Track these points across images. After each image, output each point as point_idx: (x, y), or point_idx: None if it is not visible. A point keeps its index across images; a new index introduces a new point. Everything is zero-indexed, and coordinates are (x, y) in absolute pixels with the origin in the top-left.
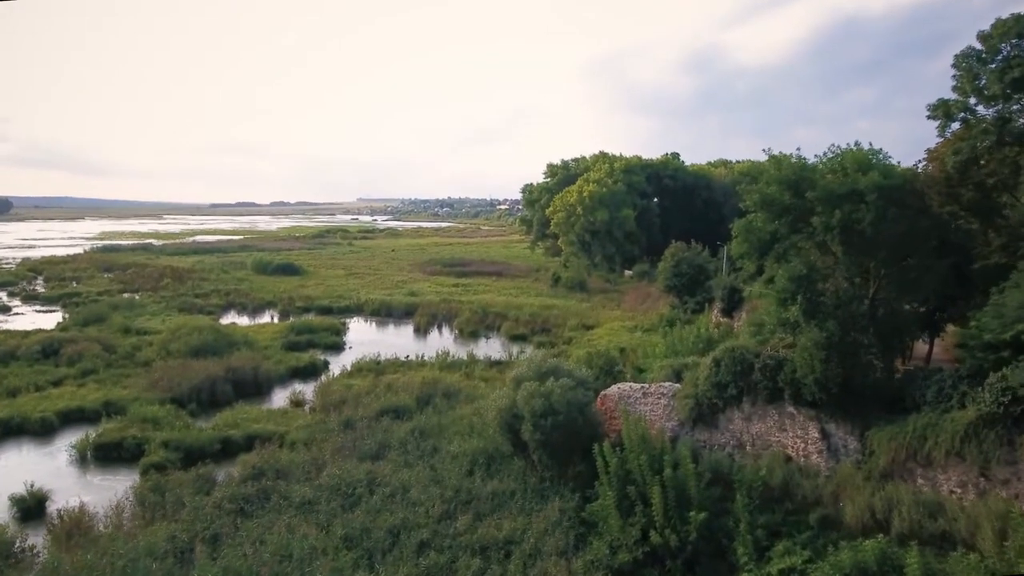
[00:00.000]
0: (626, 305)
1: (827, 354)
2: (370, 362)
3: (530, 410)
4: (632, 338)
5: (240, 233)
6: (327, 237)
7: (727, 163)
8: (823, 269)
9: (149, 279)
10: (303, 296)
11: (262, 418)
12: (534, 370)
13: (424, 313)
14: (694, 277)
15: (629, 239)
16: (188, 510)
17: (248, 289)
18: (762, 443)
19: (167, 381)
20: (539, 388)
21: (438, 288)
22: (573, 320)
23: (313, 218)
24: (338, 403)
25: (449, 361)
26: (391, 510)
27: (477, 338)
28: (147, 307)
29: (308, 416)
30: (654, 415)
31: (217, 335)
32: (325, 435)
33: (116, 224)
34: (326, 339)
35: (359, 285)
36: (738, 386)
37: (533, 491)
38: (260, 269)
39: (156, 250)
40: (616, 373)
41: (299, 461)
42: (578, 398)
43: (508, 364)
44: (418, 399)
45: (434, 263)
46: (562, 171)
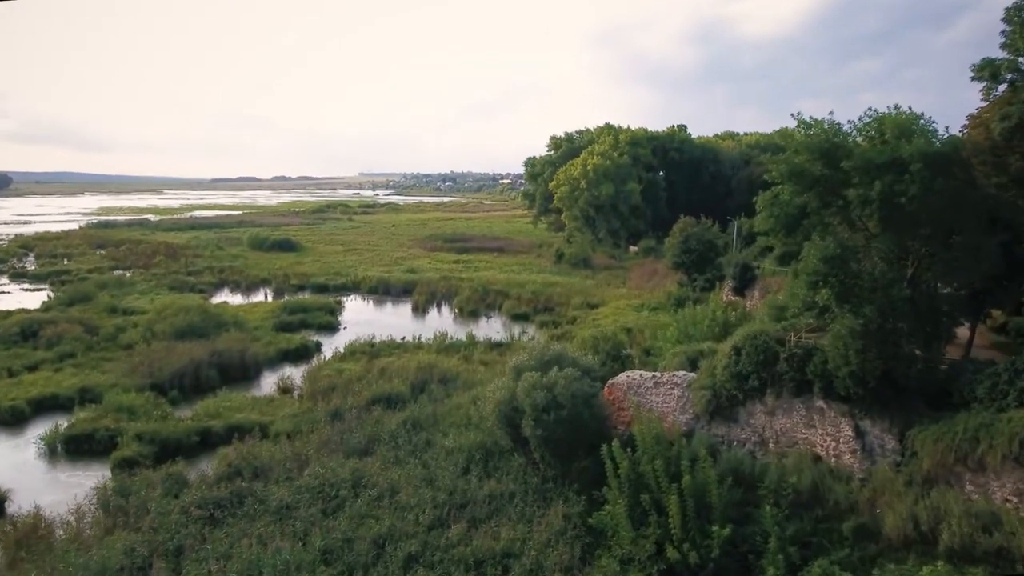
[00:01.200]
0: (632, 282)
1: (864, 343)
2: (364, 344)
3: (531, 403)
4: (639, 318)
5: (239, 208)
6: (327, 212)
7: (735, 135)
8: (856, 248)
9: (142, 256)
10: (299, 273)
11: (246, 406)
12: (536, 358)
13: (423, 291)
14: (703, 254)
15: (634, 214)
16: (152, 517)
17: (242, 266)
18: (787, 440)
19: (148, 366)
20: (541, 379)
21: (438, 265)
22: (577, 298)
23: (314, 193)
24: (327, 390)
25: (447, 343)
26: (377, 516)
27: (477, 317)
28: (137, 285)
29: (296, 404)
30: (666, 407)
31: (205, 316)
32: (312, 426)
33: (115, 199)
34: (320, 319)
35: (357, 262)
36: (761, 377)
37: (534, 492)
38: (256, 245)
39: (152, 226)
40: (624, 358)
41: (280, 457)
42: (584, 390)
43: (509, 346)
44: (412, 386)
45: (435, 239)
46: (566, 144)
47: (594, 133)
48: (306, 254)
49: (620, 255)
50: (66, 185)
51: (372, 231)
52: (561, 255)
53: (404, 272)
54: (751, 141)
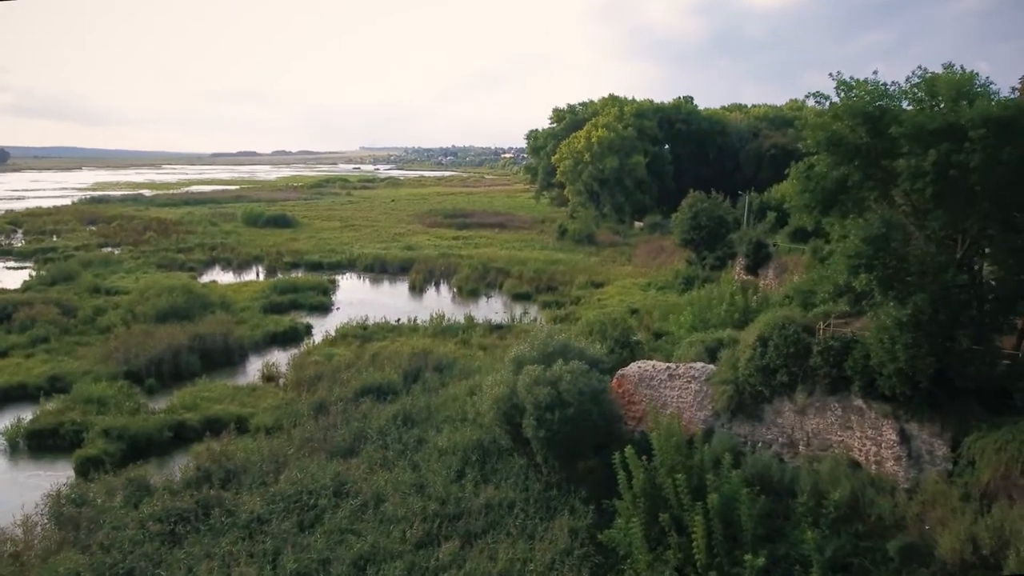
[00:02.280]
0: (637, 260)
1: (914, 337)
2: (356, 327)
3: (533, 401)
4: (646, 297)
5: (238, 183)
6: (326, 187)
7: (743, 107)
8: (903, 227)
9: (132, 232)
10: (293, 251)
11: (226, 397)
12: (538, 349)
13: (420, 269)
14: (714, 230)
15: (640, 188)
16: (105, 532)
17: (235, 243)
18: (820, 443)
19: (124, 351)
20: (544, 373)
21: (437, 241)
22: (581, 277)
23: (315, 167)
24: (313, 379)
25: (444, 325)
26: (359, 531)
27: (477, 297)
28: (124, 263)
29: (280, 394)
30: (682, 402)
31: (189, 296)
32: (294, 420)
33: (113, 174)
34: (311, 299)
35: (354, 238)
36: (791, 372)
37: (536, 500)
38: (250, 221)
39: (146, 201)
40: (633, 345)
41: (256, 459)
42: (592, 385)
43: (510, 328)
44: (405, 374)
45: (434, 214)
46: (569, 116)
47: (598, 105)
48: (302, 230)
49: (625, 231)
50: (64, 160)
51: (371, 206)
52: (564, 231)
53: (402, 249)
54: (759, 113)
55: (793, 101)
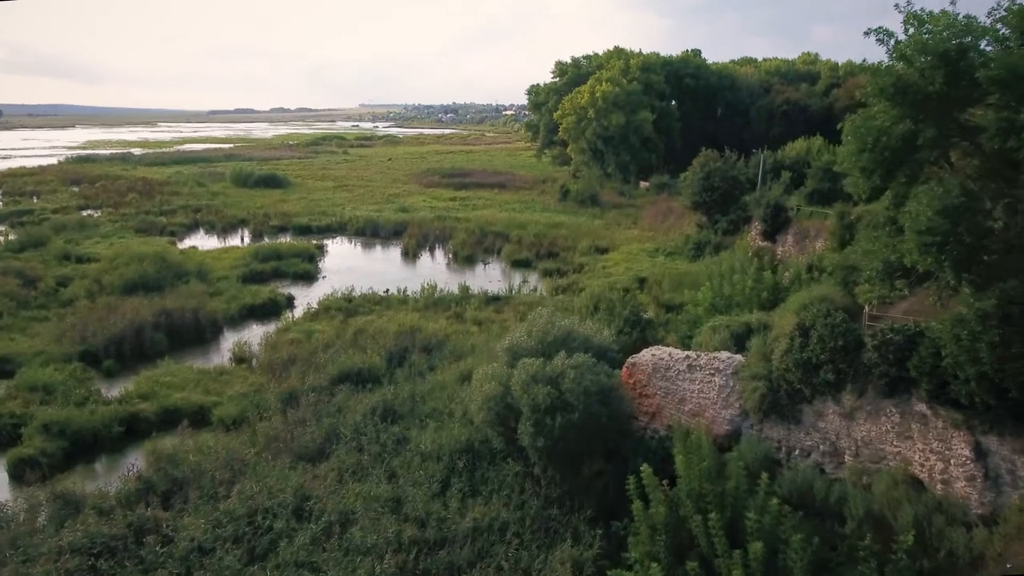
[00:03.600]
0: (644, 223)
1: (1002, 334)
2: (341, 299)
3: (530, 403)
4: (653, 264)
5: (232, 141)
6: (322, 145)
7: (753, 61)
8: (984, 197)
9: (114, 194)
10: (281, 213)
11: (189, 382)
12: (536, 338)
13: (414, 234)
14: (727, 192)
15: (646, 146)
16: (12, 568)
17: (221, 205)
18: (871, 454)
19: (82, 329)
20: (543, 369)
21: (433, 203)
22: (584, 242)
23: (313, 125)
24: (286, 363)
25: (436, 297)
26: (318, 565)
27: (473, 264)
28: (101, 227)
29: (250, 379)
30: (704, 398)
31: (162, 265)
32: (261, 412)
33: (106, 132)
34: (296, 267)
35: (347, 199)
36: (838, 369)
37: (533, 521)
38: (240, 181)
39: (134, 160)
40: (644, 324)
41: (209, 465)
42: (600, 382)
43: (507, 300)
44: (389, 356)
45: (432, 174)
46: (572, 70)
47: (603, 58)
48: (293, 191)
49: (630, 191)
50: (59, 118)
51: (367, 165)
52: (566, 192)
53: (396, 211)
54: (771, 67)
55: (806, 55)
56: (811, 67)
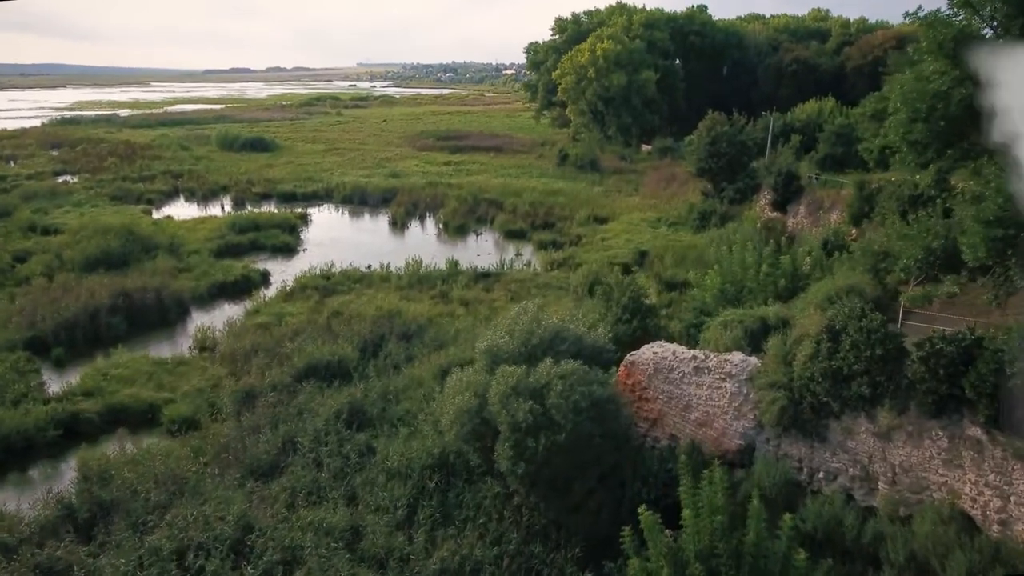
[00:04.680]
0: (646, 189)
1: None
2: (318, 276)
3: (509, 420)
4: (655, 236)
5: (224, 101)
6: (316, 106)
7: (761, 18)
8: None
9: (94, 158)
10: (266, 179)
11: (142, 375)
12: (519, 339)
13: (403, 202)
14: (735, 158)
15: (649, 107)
16: None
17: (203, 170)
18: (912, 483)
19: (31, 312)
20: (526, 378)
21: (426, 168)
22: (583, 211)
23: (309, 85)
24: (250, 352)
25: (422, 273)
26: None
27: (465, 234)
28: (75, 195)
29: (211, 370)
30: (713, 406)
31: (128, 239)
32: (216, 412)
33: (97, 92)
34: (275, 239)
35: (336, 164)
36: (874, 381)
37: (513, 560)
38: (226, 144)
39: (119, 122)
40: (645, 311)
41: (145, 484)
42: (592, 395)
43: (498, 277)
44: (363, 345)
45: (426, 136)
46: (572, 27)
47: (604, 14)
48: (281, 155)
49: (631, 155)
50: (49, 78)
51: (361, 127)
52: (565, 156)
53: (386, 177)
54: (779, 24)
55: (816, 11)
56: (821, 24)
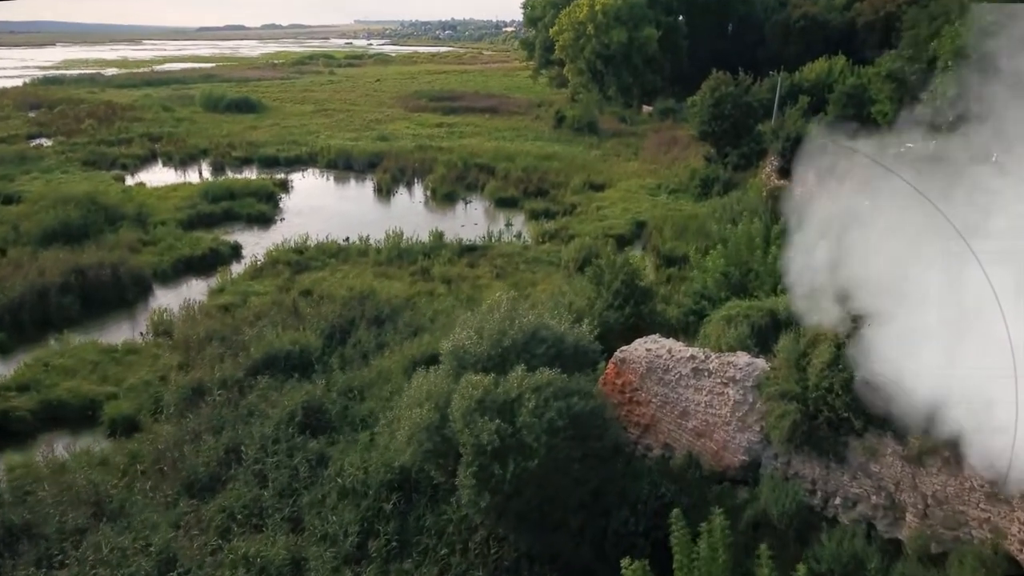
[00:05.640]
0: (646, 154)
1: None
2: (291, 250)
3: (473, 441)
4: (655, 205)
5: (216, 60)
6: (308, 64)
7: None
8: None
9: (72, 120)
10: (248, 142)
11: (86, 365)
12: (490, 340)
13: (390, 167)
14: (740, 121)
15: (650, 67)
16: None
17: (184, 133)
18: (946, 517)
19: None
20: (494, 389)
21: (417, 130)
22: (578, 177)
23: (304, 43)
24: (204, 340)
25: (403, 247)
26: None
27: (453, 202)
28: (45, 160)
29: (163, 358)
30: (713, 414)
31: (91, 208)
32: (158, 413)
33: (86, 51)
34: (251, 208)
35: (324, 126)
36: None
37: None
38: (210, 105)
39: (103, 82)
40: (640, 295)
41: (61, 503)
42: (573, 409)
43: (485, 251)
44: (331, 330)
45: (419, 97)
46: None
47: None
48: (267, 116)
49: (632, 117)
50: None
51: (353, 87)
52: (562, 118)
53: (374, 140)
54: None
55: None
56: None
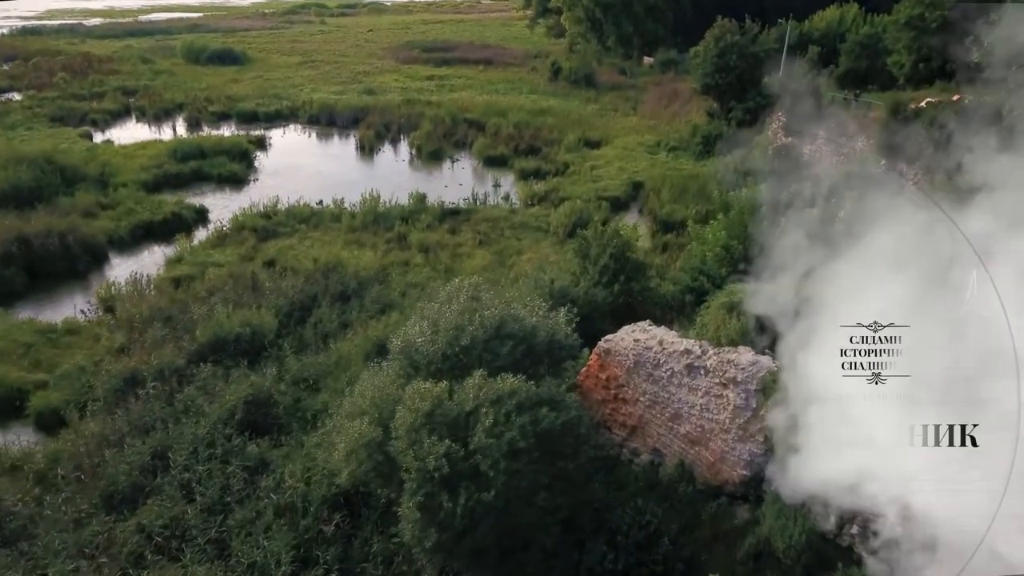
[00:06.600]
0: (645, 108)
1: None
2: (259, 215)
3: (418, 467)
4: (653, 164)
5: (204, 9)
6: (299, 14)
7: None
8: None
9: (44, 73)
10: (227, 96)
11: (18, 347)
12: (446, 337)
13: (374, 123)
14: (745, 74)
15: (652, 15)
16: None
17: (162, 86)
18: None
19: None
20: (446, 400)
21: (407, 82)
22: (573, 133)
23: None
24: (148, 319)
25: (380, 211)
26: None
27: (440, 160)
28: (11, 115)
29: (106, 340)
30: (709, 419)
31: (45, 169)
32: (85, 407)
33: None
34: (222, 168)
35: (309, 79)
36: None
37: None
38: (192, 57)
39: (83, 32)
40: (631, 271)
41: None
42: (540, 425)
43: (469, 215)
44: (291, 307)
45: (411, 47)
46: None
47: None
48: (250, 68)
49: (632, 69)
50: None
51: (343, 37)
52: (558, 70)
53: (360, 93)
54: None
55: None
56: None
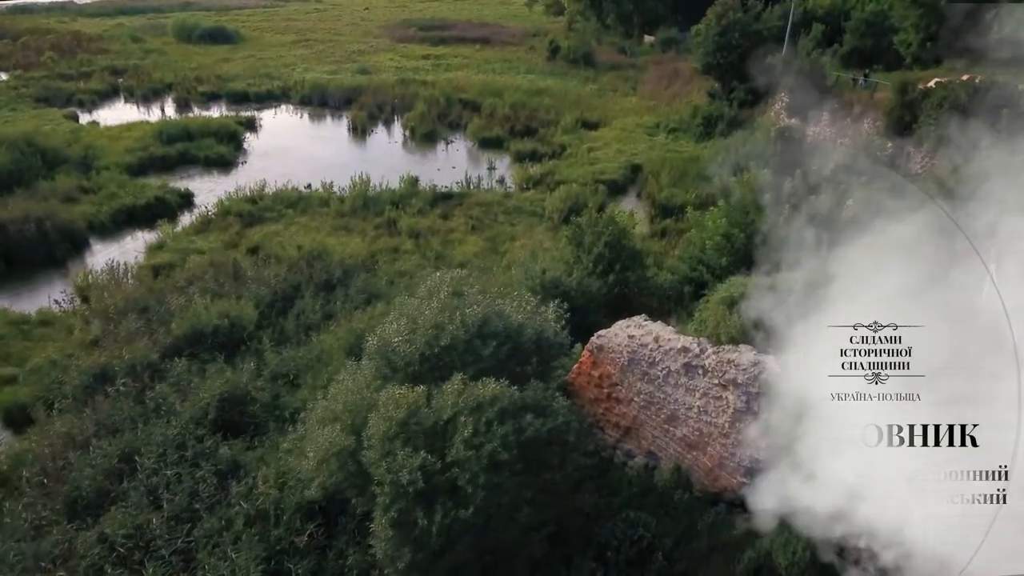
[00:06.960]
0: (645, 89)
1: None
2: (245, 199)
3: (392, 480)
4: (652, 146)
5: None
6: None
7: None
8: None
9: (32, 52)
10: (217, 76)
11: None
12: (424, 337)
13: (367, 103)
14: (747, 52)
15: None
16: None
17: (151, 66)
18: None
19: None
20: (422, 408)
21: (402, 62)
22: (570, 114)
23: None
24: (123, 311)
25: (369, 194)
26: None
27: (434, 142)
28: None
29: (78, 333)
30: (707, 422)
31: (25, 152)
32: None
33: None
34: (209, 150)
35: (302, 58)
36: None
37: None
38: (183, 35)
39: (74, 10)
40: (627, 260)
41: None
42: (524, 434)
43: (462, 198)
44: (272, 297)
45: (408, 26)
46: None
47: None
48: (243, 47)
49: (632, 48)
50: None
51: (339, 15)
52: (556, 49)
53: (354, 73)
54: None
55: None
56: None
